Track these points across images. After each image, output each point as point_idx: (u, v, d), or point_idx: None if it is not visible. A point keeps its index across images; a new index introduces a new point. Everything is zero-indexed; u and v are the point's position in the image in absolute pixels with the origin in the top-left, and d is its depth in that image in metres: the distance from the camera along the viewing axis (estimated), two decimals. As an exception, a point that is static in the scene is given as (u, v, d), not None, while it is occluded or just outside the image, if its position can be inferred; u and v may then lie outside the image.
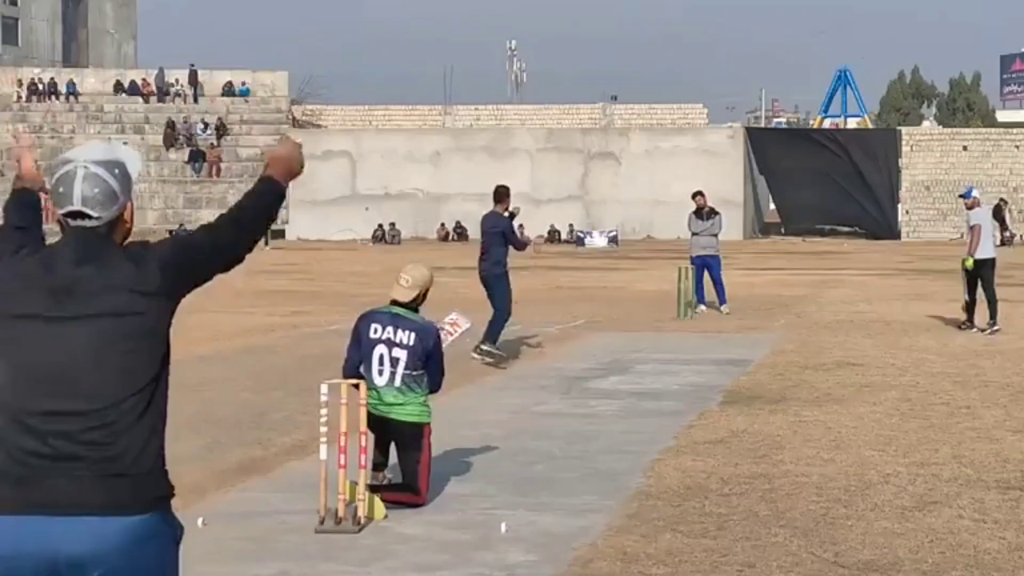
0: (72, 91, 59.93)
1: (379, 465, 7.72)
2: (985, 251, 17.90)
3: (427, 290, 7.78)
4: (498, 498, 7.71)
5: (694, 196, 20.97)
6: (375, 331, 7.61)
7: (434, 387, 7.75)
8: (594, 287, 26.67)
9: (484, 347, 13.98)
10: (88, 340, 3.28)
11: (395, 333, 7.57)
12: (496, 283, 14.40)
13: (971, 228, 18.07)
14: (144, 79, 61.22)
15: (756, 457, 8.86)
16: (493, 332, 14.16)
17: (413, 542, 6.76)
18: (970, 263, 17.92)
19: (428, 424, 7.64)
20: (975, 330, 17.51)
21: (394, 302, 7.72)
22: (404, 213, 53.69)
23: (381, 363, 7.54)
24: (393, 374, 7.53)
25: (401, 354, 7.55)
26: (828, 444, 9.33)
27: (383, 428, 7.61)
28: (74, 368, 3.28)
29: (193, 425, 10.04)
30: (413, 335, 7.57)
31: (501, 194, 14.81)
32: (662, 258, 36.74)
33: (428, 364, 7.61)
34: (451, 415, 10.86)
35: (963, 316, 17.99)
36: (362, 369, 7.59)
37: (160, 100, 59.90)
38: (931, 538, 6.77)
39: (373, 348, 7.56)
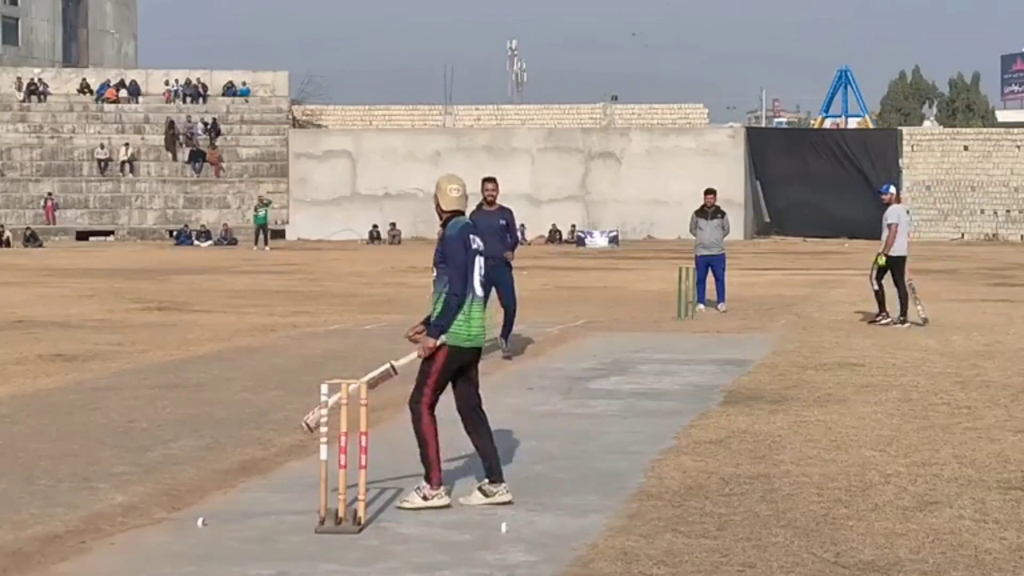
0: (136, 91, 59.90)
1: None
2: (899, 249, 18.03)
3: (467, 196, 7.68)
4: (498, 498, 7.70)
5: (706, 193, 20.91)
6: (473, 241, 7.48)
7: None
8: (594, 287, 26.67)
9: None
10: None
11: (477, 243, 7.51)
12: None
13: (888, 226, 18.12)
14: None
15: (757, 457, 8.85)
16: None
17: (413, 542, 6.75)
18: (883, 261, 18.01)
19: None
20: (887, 321, 17.94)
21: (457, 212, 7.57)
22: (404, 213, 53.71)
23: (480, 274, 7.46)
24: (482, 284, 7.48)
25: (481, 261, 7.51)
26: (829, 444, 9.32)
27: (469, 361, 7.51)
28: None
29: (193, 425, 10.03)
30: (480, 241, 7.56)
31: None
32: (662, 258, 36.78)
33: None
34: (451, 415, 10.83)
35: (876, 310, 18.42)
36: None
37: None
38: (932, 538, 6.76)
39: (475, 259, 7.44)
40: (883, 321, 18.06)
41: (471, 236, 7.46)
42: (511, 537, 6.81)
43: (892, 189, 18.80)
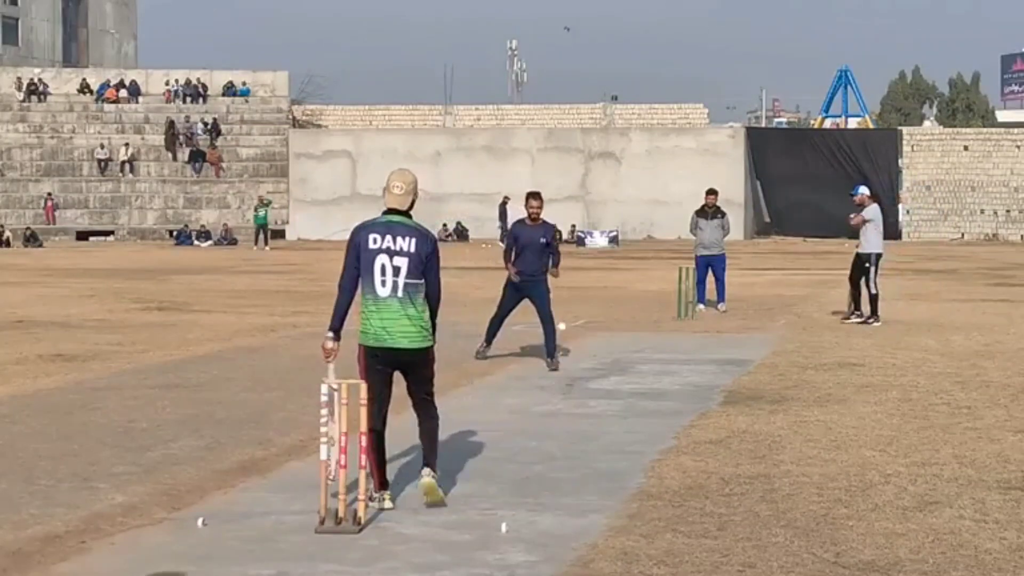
0: (136, 91, 59.94)
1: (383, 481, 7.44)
2: (874, 246, 18.37)
3: (416, 194, 7.68)
4: (498, 498, 7.70)
5: (707, 194, 20.90)
6: (374, 241, 7.43)
7: (435, 294, 7.52)
8: (594, 287, 26.66)
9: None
10: None
11: (394, 241, 7.41)
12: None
13: (867, 222, 18.41)
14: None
15: (757, 457, 8.85)
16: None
17: (413, 542, 6.75)
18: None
19: (433, 347, 7.53)
20: (857, 319, 18.30)
21: (391, 210, 7.59)
22: (404, 213, 53.65)
23: (383, 273, 7.37)
24: (396, 284, 7.36)
25: (402, 262, 7.38)
26: (829, 444, 9.32)
27: (388, 360, 7.40)
28: None
29: (193, 425, 10.04)
30: (413, 240, 7.44)
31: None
32: (662, 258, 36.79)
33: (426, 271, 7.44)
34: (451, 415, 10.84)
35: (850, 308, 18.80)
36: (361, 285, 7.41)
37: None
38: (932, 538, 6.76)
39: (374, 259, 7.39)
40: (855, 320, 18.23)
41: (375, 235, 7.45)
42: (511, 537, 6.81)
43: (863, 189, 18.93)
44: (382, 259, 7.39)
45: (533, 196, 14.25)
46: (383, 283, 7.37)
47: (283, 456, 8.97)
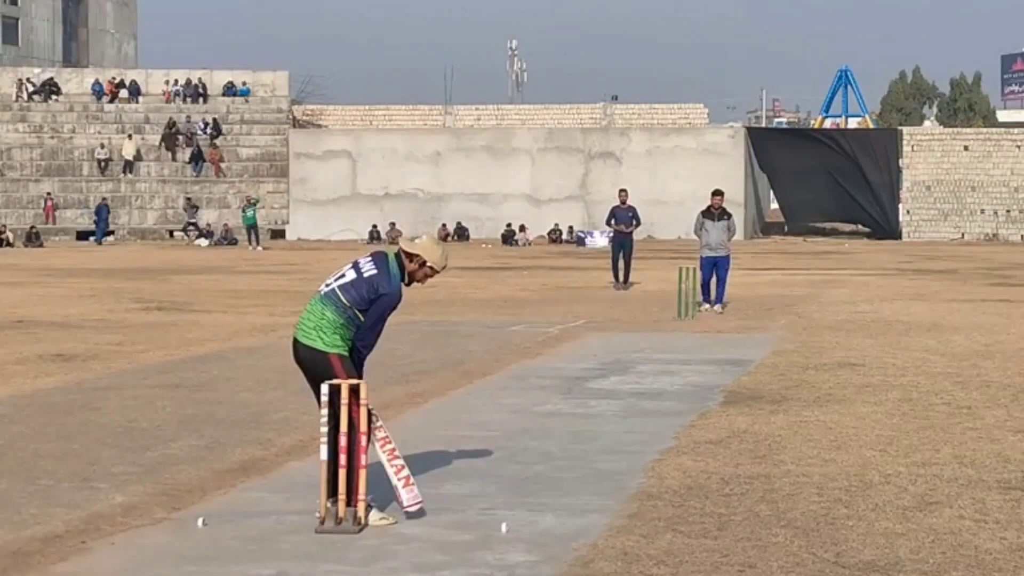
0: (136, 91, 59.94)
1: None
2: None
3: (425, 264, 7.31)
4: (498, 498, 7.70)
5: (713, 195, 20.88)
6: (359, 259, 7.42)
7: (362, 343, 7.21)
8: (594, 287, 26.66)
9: None
10: None
11: (364, 261, 7.33)
12: None
13: None
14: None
15: (757, 457, 8.85)
16: None
17: (413, 542, 6.75)
18: None
19: (332, 353, 7.15)
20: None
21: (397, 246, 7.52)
22: (404, 213, 53.70)
23: (333, 276, 7.34)
24: (329, 285, 7.27)
25: (351, 275, 7.25)
26: (829, 444, 9.32)
27: (294, 355, 7.32)
28: None
29: (193, 425, 10.04)
30: (374, 269, 7.24)
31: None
32: (662, 258, 36.75)
33: (366, 314, 7.17)
34: (451, 415, 10.86)
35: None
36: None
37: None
38: (932, 538, 6.76)
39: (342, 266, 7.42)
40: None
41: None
42: (511, 537, 6.81)
43: None
44: (344, 267, 7.39)
45: (622, 190, 24.71)
46: (327, 284, 7.35)
47: (283, 456, 8.97)
